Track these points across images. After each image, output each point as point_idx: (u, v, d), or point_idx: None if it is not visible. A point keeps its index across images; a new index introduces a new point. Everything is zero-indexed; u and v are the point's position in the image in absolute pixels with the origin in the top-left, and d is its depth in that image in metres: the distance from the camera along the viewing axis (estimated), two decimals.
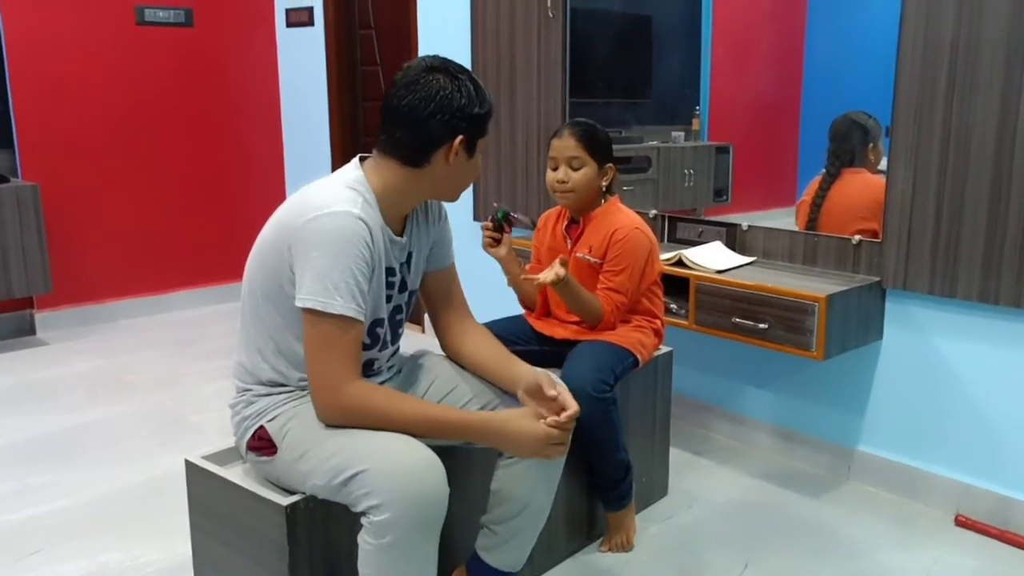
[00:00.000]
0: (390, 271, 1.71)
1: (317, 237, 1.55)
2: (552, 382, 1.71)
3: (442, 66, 1.65)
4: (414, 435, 1.56)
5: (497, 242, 2.27)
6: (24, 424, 3.17)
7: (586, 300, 2.23)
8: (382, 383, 1.79)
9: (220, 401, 1.89)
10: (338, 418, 1.58)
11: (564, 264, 2.14)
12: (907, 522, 2.47)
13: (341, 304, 1.54)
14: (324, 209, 1.57)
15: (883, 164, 2.54)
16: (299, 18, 4.73)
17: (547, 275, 2.12)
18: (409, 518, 1.46)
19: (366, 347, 1.69)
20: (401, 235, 1.73)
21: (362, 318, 1.58)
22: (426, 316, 4.18)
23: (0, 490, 2.65)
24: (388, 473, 1.47)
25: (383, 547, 1.47)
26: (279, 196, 4.85)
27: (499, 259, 2.31)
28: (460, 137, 1.64)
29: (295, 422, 1.65)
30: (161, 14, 4.48)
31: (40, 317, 4.28)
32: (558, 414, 1.66)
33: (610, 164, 2.33)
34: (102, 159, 4.39)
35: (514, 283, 2.41)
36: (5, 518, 2.48)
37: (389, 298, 1.73)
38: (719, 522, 2.48)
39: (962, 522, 2.43)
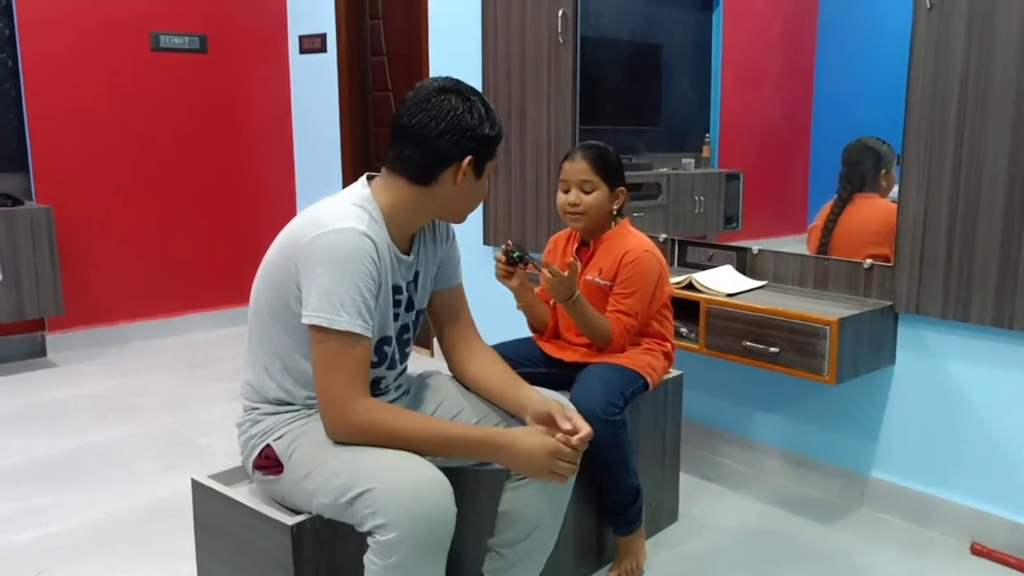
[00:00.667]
0: (397, 289, 1.71)
1: (323, 254, 1.55)
2: (564, 414, 1.68)
3: (454, 87, 1.66)
4: (422, 453, 1.55)
5: (510, 274, 2.25)
6: (32, 445, 3.17)
7: (596, 321, 2.23)
8: (390, 403, 1.78)
9: (228, 423, 1.88)
10: (346, 435, 1.57)
11: (574, 268, 2.14)
12: (921, 550, 2.43)
13: (347, 320, 1.54)
14: (330, 226, 1.57)
15: (895, 191, 2.53)
16: (312, 45, 4.78)
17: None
18: (415, 538, 1.44)
19: (373, 365, 1.68)
20: (408, 254, 1.73)
21: (369, 334, 1.58)
22: (435, 340, 4.18)
23: (5, 511, 2.64)
24: (394, 492, 1.45)
25: (389, 567, 1.45)
26: (290, 221, 4.90)
27: (512, 288, 2.30)
28: (469, 158, 1.64)
29: (301, 441, 1.64)
30: (176, 40, 4.53)
31: (51, 339, 4.30)
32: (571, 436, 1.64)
33: (621, 188, 2.33)
34: (116, 183, 4.42)
35: (526, 307, 2.39)
36: (9, 539, 2.47)
37: (396, 316, 1.73)
38: (730, 548, 2.44)
39: (978, 550, 2.39)
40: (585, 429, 1.65)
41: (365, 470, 1.50)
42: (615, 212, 2.34)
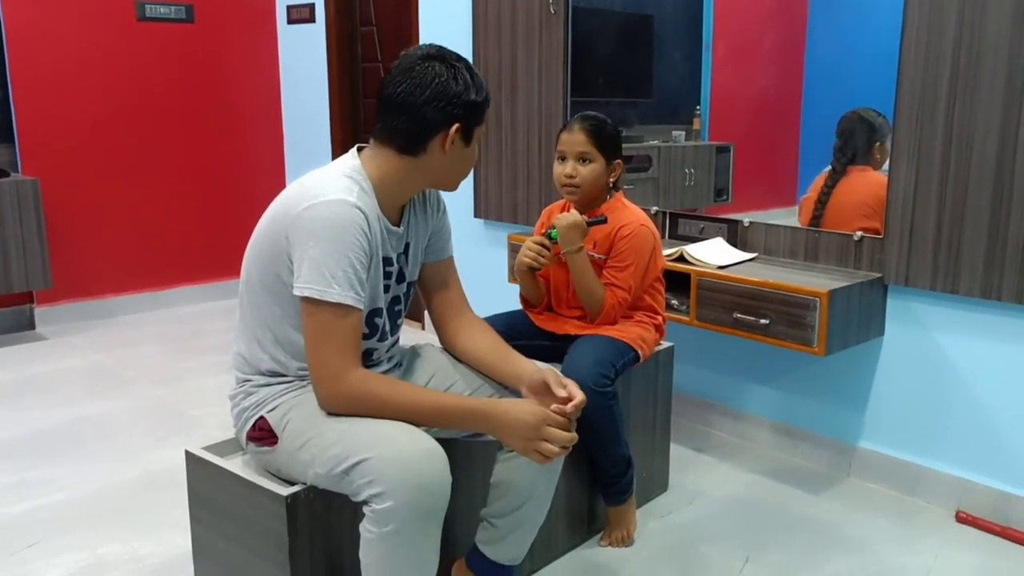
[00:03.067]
0: (387, 261, 1.70)
1: (313, 225, 1.55)
2: (560, 381, 1.68)
3: (438, 54, 1.65)
4: (415, 423, 1.56)
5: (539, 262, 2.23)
6: (22, 419, 3.16)
7: (594, 281, 2.23)
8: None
9: (220, 395, 1.88)
10: (339, 406, 1.58)
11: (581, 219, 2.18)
12: (908, 518, 2.46)
13: (338, 292, 1.54)
14: (320, 197, 1.57)
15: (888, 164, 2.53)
16: (300, 15, 4.73)
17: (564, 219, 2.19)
18: (412, 506, 1.45)
19: (365, 337, 1.68)
20: (398, 225, 1.72)
21: (360, 305, 1.58)
22: (427, 312, 4.19)
23: None
24: (391, 461, 1.46)
25: (385, 535, 1.47)
26: (280, 192, 4.88)
27: (525, 275, 2.30)
28: (456, 125, 1.63)
29: (296, 412, 1.64)
30: (162, 10, 4.48)
31: (40, 312, 4.28)
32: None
33: (618, 160, 2.31)
34: (103, 154, 4.38)
35: (530, 282, 2.36)
36: (2, 511, 2.47)
37: (387, 288, 1.73)
38: (720, 518, 2.47)
39: (963, 518, 2.42)
40: (579, 396, 1.65)
41: (361, 440, 1.51)
42: (611, 185, 2.34)
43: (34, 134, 4.16)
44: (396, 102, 1.62)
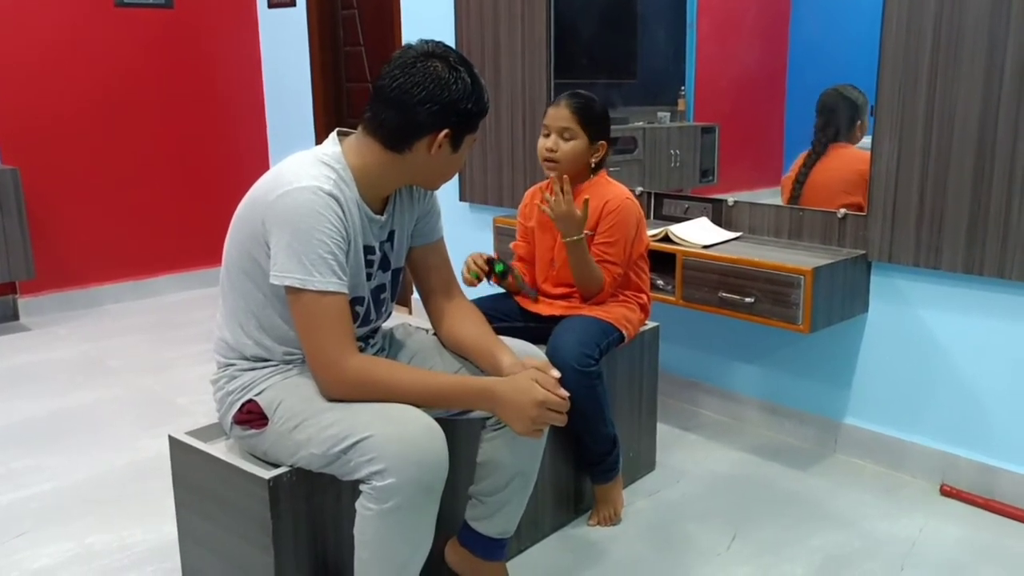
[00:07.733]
0: (369, 249, 1.69)
1: (287, 212, 1.54)
2: (548, 368, 1.68)
3: (443, 54, 1.61)
4: (416, 404, 1.56)
5: (479, 280, 2.26)
6: (7, 409, 3.14)
7: (592, 264, 2.23)
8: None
9: (206, 384, 1.87)
10: (343, 393, 1.57)
11: (587, 205, 2.17)
12: (893, 493, 2.48)
13: (320, 280, 1.53)
14: (295, 184, 1.55)
15: (866, 141, 2.53)
16: None
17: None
18: (414, 482, 1.46)
19: None
20: (381, 213, 1.71)
21: (344, 290, 1.57)
22: (412, 298, 4.18)
23: None
24: (392, 439, 1.47)
25: (385, 512, 1.48)
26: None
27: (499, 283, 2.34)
28: (445, 131, 1.61)
29: (289, 393, 1.64)
30: None
31: (23, 303, 4.25)
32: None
33: (603, 141, 2.30)
34: (83, 142, 4.34)
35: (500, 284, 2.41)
36: None
37: (370, 276, 1.72)
38: (707, 495, 2.48)
39: (947, 492, 2.45)
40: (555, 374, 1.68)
41: (361, 419, 1.52)
42: (593, 165, 2.33)
43: (12, 123, 4.11)
44: (389, 96, 1.59)
